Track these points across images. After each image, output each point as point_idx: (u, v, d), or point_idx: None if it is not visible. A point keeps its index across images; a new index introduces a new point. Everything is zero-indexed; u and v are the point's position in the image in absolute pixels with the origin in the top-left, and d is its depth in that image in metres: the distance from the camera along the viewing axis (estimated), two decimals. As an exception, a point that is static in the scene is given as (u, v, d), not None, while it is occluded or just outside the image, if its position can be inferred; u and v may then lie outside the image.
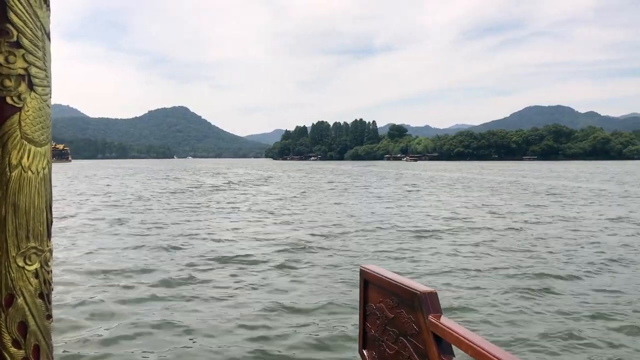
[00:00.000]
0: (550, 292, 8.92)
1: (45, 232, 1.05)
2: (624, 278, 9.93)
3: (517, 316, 7.67)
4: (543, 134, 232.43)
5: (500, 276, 10.00)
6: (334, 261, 11.36)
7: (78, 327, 6.95)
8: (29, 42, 0.98)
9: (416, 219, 19.34)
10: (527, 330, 7.06)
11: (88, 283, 9.28)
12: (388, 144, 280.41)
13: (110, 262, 11.12)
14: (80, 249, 12.72)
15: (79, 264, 10.87)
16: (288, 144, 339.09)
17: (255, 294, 8.85)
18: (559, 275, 10.08)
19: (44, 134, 1.03)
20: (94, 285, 9.16)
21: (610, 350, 6.47)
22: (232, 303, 8.28)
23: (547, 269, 10.53)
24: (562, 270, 10.44)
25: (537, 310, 7.98)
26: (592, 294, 8.84)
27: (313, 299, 8.58)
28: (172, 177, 62.58)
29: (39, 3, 1.00)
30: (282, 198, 29.90)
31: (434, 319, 2.03)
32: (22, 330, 1.00)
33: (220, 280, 9.71)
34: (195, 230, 16.05)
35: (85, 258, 11.56)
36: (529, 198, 29.17)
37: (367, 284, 2.60)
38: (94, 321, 7.25)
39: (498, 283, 9.48)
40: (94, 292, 8.66)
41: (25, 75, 0.98)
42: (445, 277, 9.92)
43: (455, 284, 9.47)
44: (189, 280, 9.61)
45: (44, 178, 1.03)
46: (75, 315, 7.42)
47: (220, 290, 9.06)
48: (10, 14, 0.95)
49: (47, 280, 1.05)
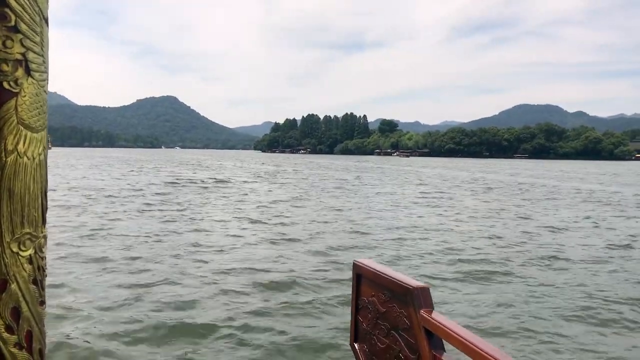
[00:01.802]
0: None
1: (40, 218, 1.05)
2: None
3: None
4: (535, 132, 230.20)
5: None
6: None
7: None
8: (27, 27, 0.97)
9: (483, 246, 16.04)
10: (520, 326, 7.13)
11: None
12: (378, 139, 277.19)
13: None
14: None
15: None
16: (277, 137, 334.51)
17: (245, 288, 8.68)
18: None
19: (41, 119, 1.03)
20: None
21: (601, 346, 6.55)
22: (220, 299, 8.00)
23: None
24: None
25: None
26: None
27: (304, 292, 8.52)
28: (154, 168, 58.75)
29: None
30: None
31: (425, 314, 2.04)
32: (15, 315, 1.00)
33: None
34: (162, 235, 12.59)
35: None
36: (594, 208, 25.77)
37: (359, 278, 2.59)
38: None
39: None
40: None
41: (22, 60, 0.97)
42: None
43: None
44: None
45: (40, 164, 1.03)
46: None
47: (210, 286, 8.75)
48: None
49: (41, 266, 1.06)
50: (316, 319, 7.30)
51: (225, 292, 8.40)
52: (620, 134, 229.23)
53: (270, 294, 8.39)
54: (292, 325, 6.98)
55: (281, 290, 8.59)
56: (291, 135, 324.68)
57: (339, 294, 8.35)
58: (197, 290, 8.45)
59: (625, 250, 13.16)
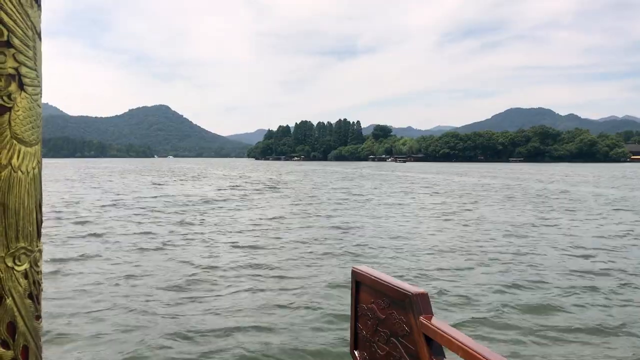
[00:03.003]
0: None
1: (35, 233, 1.04)
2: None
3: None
4: (529, 136, 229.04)
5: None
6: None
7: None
8: (20, 42, 0.97)
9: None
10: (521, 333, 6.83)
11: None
12: (372, 145, 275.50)
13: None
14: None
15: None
16: (271, 144, 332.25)
17: (244, 293, 8.66)
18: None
19: (34, 133, 1.02)
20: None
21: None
22: (223, 303, 7.98)
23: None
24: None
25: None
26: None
27: (304, 298, 8.46)
28: (142, 181, 56.21)
29: (29, 2, 0.99)
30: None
31: (425, 320, 2.04)
32: (10, 330, 0.99)
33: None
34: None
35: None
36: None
37: (358, 285, 2.59)
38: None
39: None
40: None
41: (15, 75, 0.97)
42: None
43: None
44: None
45: (34, 178, 1.03)
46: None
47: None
48: (0, 13, 0.94)
49: (37, 280, 1.05)
50: (316, 327, 7.20)
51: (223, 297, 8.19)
52: (615, 136, 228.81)
53: (269, 303, 8.21)
54: (291, 333, 6.90)
55: (281, 299, 8.45)
56: (285, 142, 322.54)
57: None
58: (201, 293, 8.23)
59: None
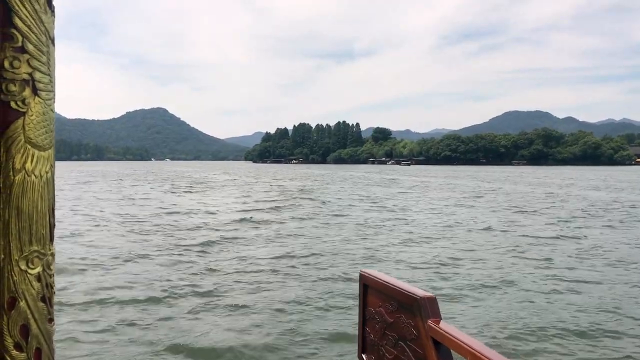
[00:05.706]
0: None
1: (48, 236, 1.06)
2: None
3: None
4: (532, 138, 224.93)
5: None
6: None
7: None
8: (34, 47, 0.99)
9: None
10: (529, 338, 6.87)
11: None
12: (372, 147, 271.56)
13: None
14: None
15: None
16: (269, 147, 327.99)
17: (253, 296, 8.72)
18: None
19: (48, 138, 1.04)
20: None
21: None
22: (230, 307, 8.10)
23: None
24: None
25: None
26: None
27: (312, 302, 8.46)
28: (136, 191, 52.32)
29: (43, 8, 1.01)
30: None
31: (433, 324, 2.02)
32: (24, 333, 1.01)
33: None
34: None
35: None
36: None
37: (366, 289, 2.58)
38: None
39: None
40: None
41: (29, 80, 0.99)
42: None
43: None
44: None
45: (47, 182, 1.05)
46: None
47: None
48: (15, 19, 0.96)
49: (50, 283, 1.07)
50: (324, 330, 7.15)
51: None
52: (619, 138, 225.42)
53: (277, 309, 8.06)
54: (299, 337, 6.87)
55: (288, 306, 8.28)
56: (283, 145, 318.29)
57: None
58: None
59: None
